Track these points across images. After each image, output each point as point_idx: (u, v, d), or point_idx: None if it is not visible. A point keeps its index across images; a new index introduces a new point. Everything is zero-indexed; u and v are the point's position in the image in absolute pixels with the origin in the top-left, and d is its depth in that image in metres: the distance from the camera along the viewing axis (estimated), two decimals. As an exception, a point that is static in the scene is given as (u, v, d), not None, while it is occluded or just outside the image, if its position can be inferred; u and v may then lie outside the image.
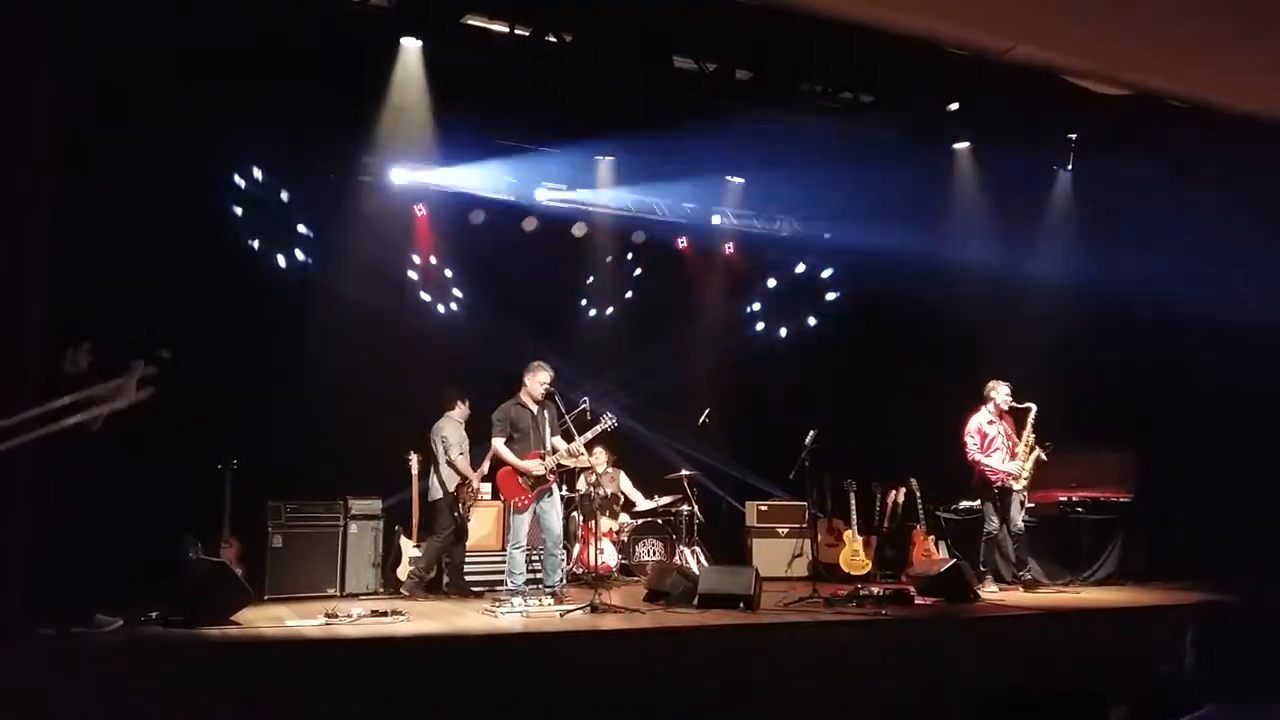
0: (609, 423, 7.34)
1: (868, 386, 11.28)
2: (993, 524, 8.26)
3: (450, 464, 8.00)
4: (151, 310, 7.43)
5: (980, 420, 8.36)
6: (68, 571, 5.48)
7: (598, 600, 6.66)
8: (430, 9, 7.64)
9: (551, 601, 6.87)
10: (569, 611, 6.59)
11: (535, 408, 7.30)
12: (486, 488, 8.38)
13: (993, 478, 8.25)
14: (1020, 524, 8.27)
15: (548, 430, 7.27)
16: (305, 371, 8.40)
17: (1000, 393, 8.39)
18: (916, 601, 7.28)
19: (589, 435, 7.32)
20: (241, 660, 5.26)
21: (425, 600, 7.55)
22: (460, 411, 8.21)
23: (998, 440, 8.32)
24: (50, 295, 6.18)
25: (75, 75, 6.26)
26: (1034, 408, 8.36)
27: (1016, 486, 8.29)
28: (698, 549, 9.27)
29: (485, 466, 8.00)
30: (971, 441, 8.31)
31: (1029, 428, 8.37)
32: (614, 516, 9.21)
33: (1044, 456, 8.36)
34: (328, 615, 6.23)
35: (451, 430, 8.10)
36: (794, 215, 11.23)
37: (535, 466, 7.14)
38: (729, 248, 11.12)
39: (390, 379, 8.81)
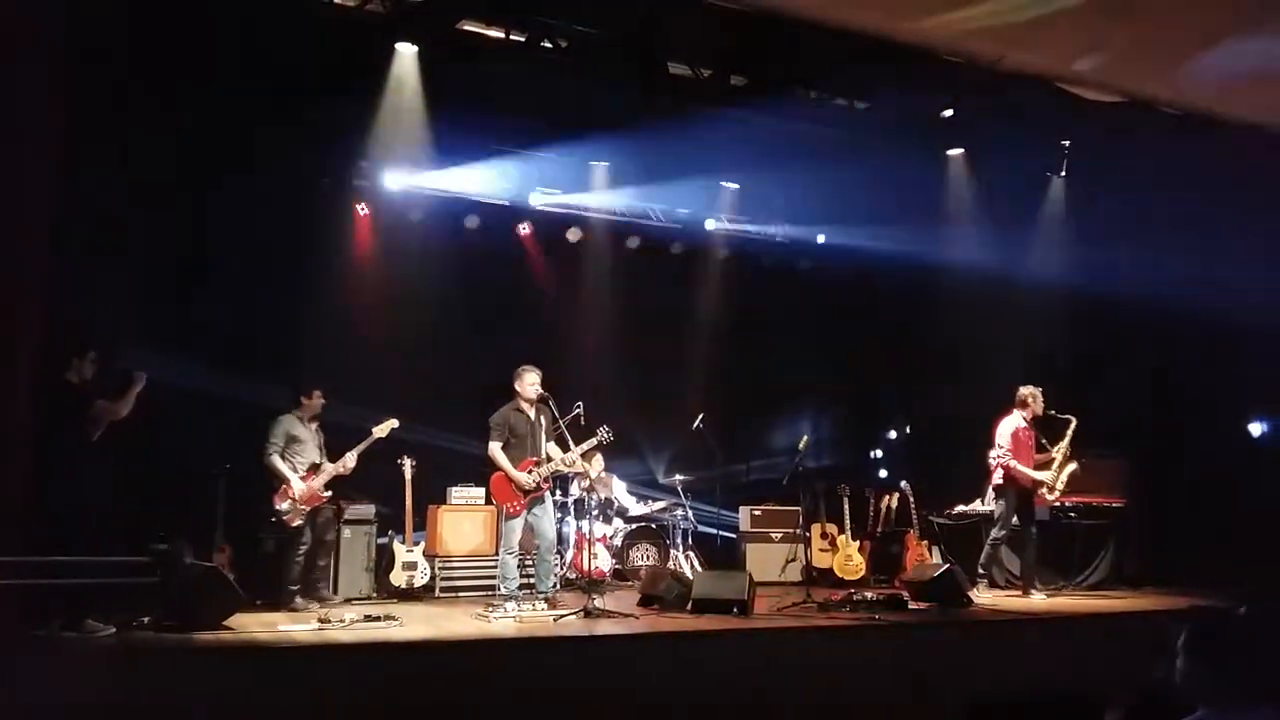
0: (604, 436, 7.32)
1: (862, 391, 11.31)
2: (1002, 532, 8.23)
3: (269, 464, 7.24)
4: (141, 318, 7.47)
5: (1014, 424, 8.29)
6: (61, 577, 5.46)
7: (591, 605, 6.65)
8: (426, 15, 7.65)
9: (545, 606, 6.86)
10: (562, 616, 6.58)
11: (531, 412, 7.29)
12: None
13: (1024, 483, 8.22)
14: (1034, 530, 8.25)
15: (543, 436, 7.26)
16: (297, 377, 8.34)
17: (1039, 400, 8.31)
18: (910, 606, 7.29)
19: (584, 448, 7.30)
20: (234, 665, 5.24)
21: (333, 606, 7.23)
22: (307, 408, 7.47)
23: (1029, 446, 8.29)
24: (54, 306, 6.22)
25: (70, 81, 6.27)
26: (1074, 420, 8.29)
27: (1050, 497, 8.26)
28: (691, 554, 9.28)
29: (319, 473, 7.30)
30: (1005, 446, 8.24)
31: (1068, 439, 8.27)
32: (608, 521, 9.21)
33: (1078, 470, 8.28)
34: (321, 620, 6.22)
35: (276, 427, 7.31)
36: (788, 220, 11.25)
37: (526, 480, 7.12)
38: (723, 252, 11.14)
39: (384, 384, 8.80)
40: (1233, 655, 2.31)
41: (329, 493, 7.43)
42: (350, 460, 7.45)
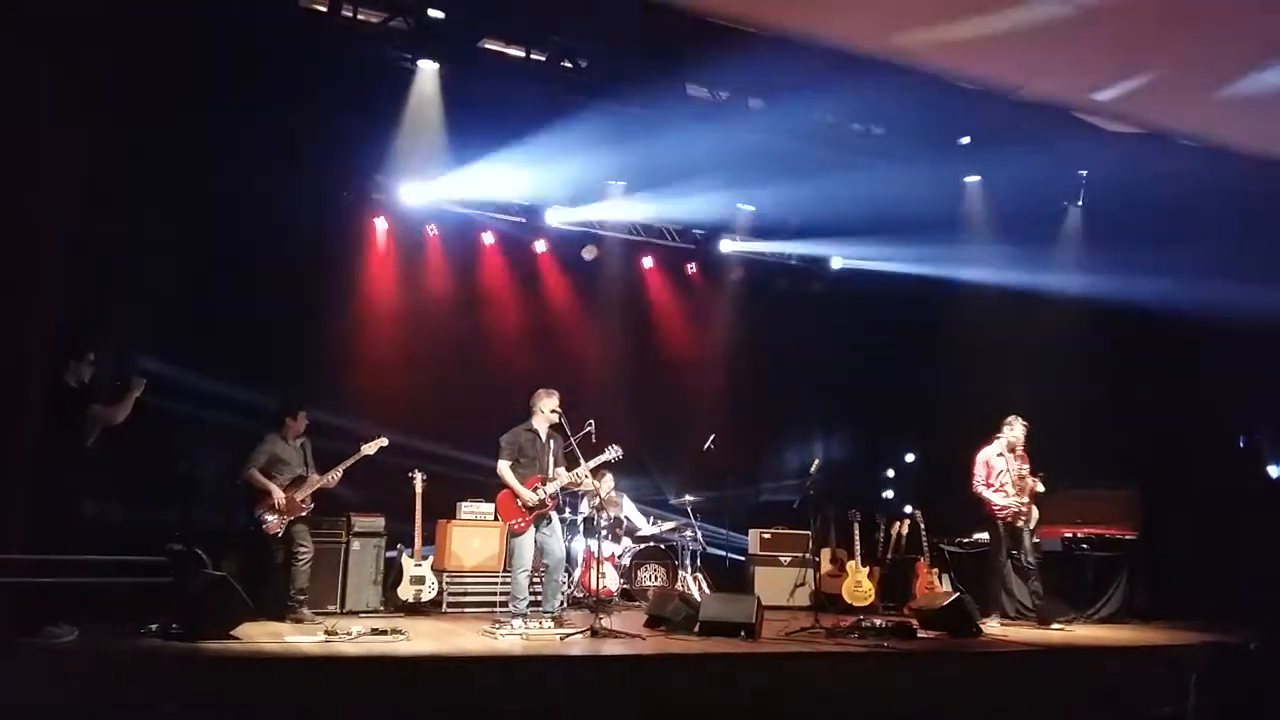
0: (613, 454, 7.31)
1: (874, 416, 11.27)
2: (996, 557, 8.20)
3: (248, 478, 7.25)
4: (153, 327, 7.53)
5: (989, 453, 8.31)
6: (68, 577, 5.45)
7: (598, 625, 6.64)
8: (448, 32, 7.72)
9: (551, 625, 6.85)
10: (569, 635, 6.57)
11: (544, 434, 7.29)
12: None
13: (998, 513, 8.21)
14: (1032, 559, 8.20)
15: (552, 457, 7.25)
16: (310, 389, 8.38)
17: (1014, 429, 8.29)
18: (919, 634, 7.23)
19: (593, 464, 7.30)
20: (240, 675, 5.23)
21: (317, 621, 7.04)
22: (291, 428, 7.45)
23: (1005, 475, 8.25)
24: (54, 308, 6.22)
25: (80, 88, 6.34)
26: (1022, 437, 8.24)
27: (1026, 524, 8.18)
28: (700, 575, 9.25)
29: (304, 485, 7.29)
30: (978, 473, 8.27)
31: (1025, 463, 8.25)
32: (616, 540, 9.19)
33: (1038, 486, 8.23)
34: (328, 632, 6.22)
35: (259, 446, 7.34)
36: (804, 243, 11.27)
37: (531, 497, 7.10)
38: (738, 273, 11.16)
39: (397, 398, 8.84)
40: (1244, 692, 2.30)
41: (311, 505, 7.39)
42: (336, 474, 7.45)
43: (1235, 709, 2.28)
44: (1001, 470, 8.24)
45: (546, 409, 7.22)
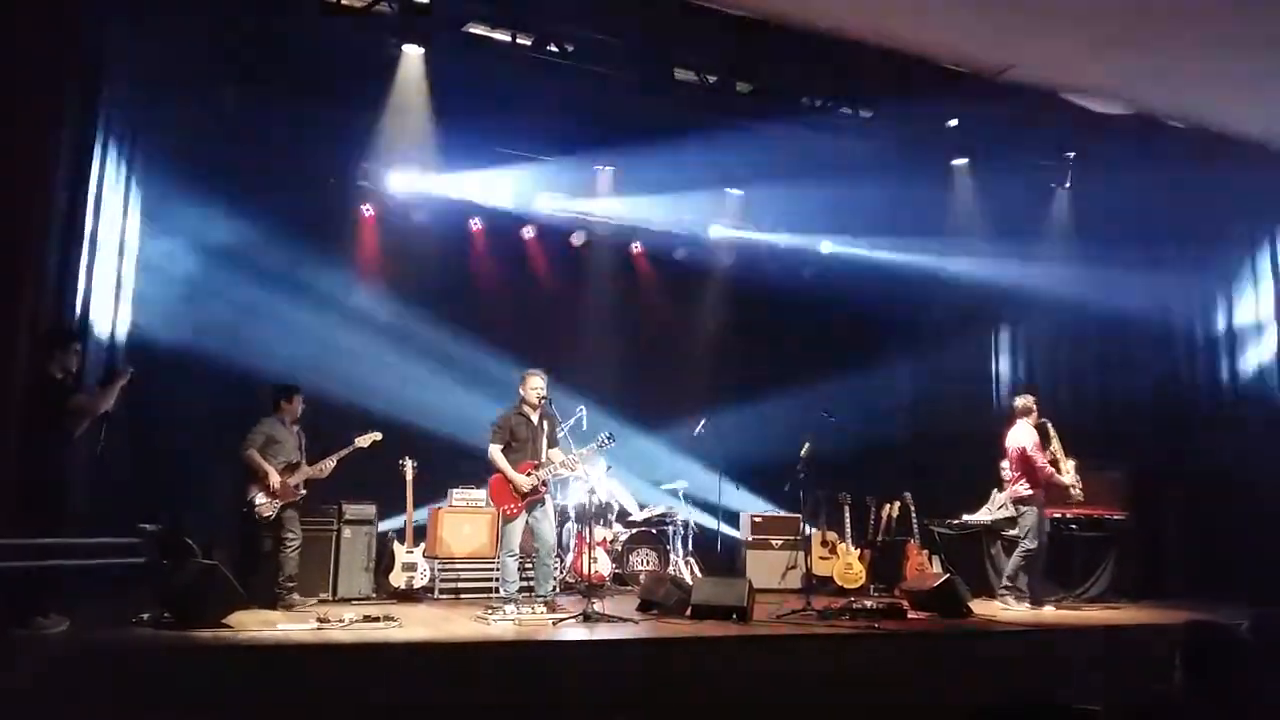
0: (605, 441, 7.32)
1: (864, 399, 11.28)
2: (1034, 542, 8.11)
3: (246, 459, 7.21)
4: (140, 315, 7.49)
5: (1032, 435, 8.20)
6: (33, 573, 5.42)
7: (590, 609, 6.66)
8: (432, 17, 7.67)
9: (544, 610, 6.86)
10: (561, 620, 6.58)
11: (534, 416, 7.29)
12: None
13: (1062, 495, 8.16)
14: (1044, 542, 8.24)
15: (544, 440, 7.26)
16: (299, 376, 8.35)
17: (1035, 407, 8.28)
18: (909, 616, 7.28)
19: (585, 450, 7.30)
20: (233, 663, 5.23)
21: (308, 609, 7.11)
22: (287, 411, 7.43)
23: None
24: (41, 298, 6.16)
25: (74, 76, 6.28)
26: (1048, 421, 8.29)
27: (1079, 495, 8.22)
28: (691, 559, 9.27)
29: (296, 472, 7.27)
30: (1040, 457, 8.14)
31: (1056, 440, 8.28)
32: (608, 525, 9.20)
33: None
34: (320, 620, 6.22)
35: (256, 427, 7.31)
36: (791, 228, 11.25)
37: (525, 482, 7.12)
38: (726, 259, 11.14)
39: (385, 385, 8.81)
40: (1230, 670, 2.32)
41: (304, 491, 7.38)
42: (329, 465, 7.44)
43: (1222, 688, 2.30)
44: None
45: (532, 390, 7.21)
